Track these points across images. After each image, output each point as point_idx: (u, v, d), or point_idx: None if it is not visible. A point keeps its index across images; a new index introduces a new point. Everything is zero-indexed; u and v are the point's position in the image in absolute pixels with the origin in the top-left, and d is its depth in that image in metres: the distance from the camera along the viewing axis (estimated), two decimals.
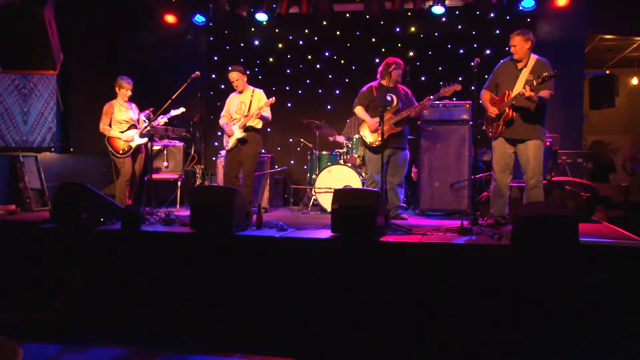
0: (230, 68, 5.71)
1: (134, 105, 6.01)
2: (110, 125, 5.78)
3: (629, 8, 7.17)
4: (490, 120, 4.66)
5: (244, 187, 5.52)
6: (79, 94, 7.41)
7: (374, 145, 5.32)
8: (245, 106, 5.62)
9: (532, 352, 3.28)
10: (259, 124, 5.61)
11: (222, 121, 5.76)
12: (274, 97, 5.57)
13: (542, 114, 4.49)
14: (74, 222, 4.19)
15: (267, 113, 5.60)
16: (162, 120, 5.92)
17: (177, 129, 7.25)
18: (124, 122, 5.82)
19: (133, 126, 5.87)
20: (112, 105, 5.83)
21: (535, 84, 4.25)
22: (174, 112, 6.01)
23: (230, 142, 5.60)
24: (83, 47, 7.38)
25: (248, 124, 5.52)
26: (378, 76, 5.47)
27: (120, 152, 5.77)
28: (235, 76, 5.64)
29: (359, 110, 5.44)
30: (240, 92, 5.72)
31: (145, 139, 5.88)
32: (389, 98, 5.35)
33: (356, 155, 6.25)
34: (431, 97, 5.24)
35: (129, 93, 5.87)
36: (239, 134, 5.53)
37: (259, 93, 5.72)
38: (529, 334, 3.31)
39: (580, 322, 3.27)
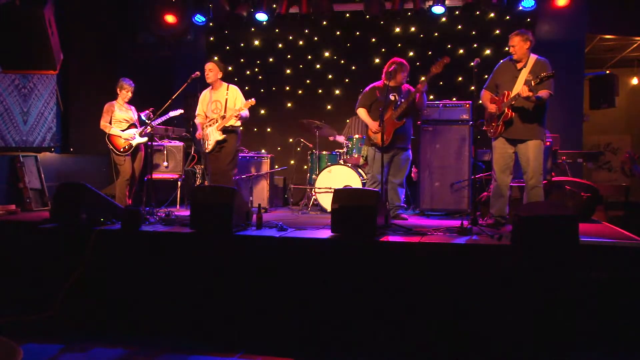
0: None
1: (133, 108, 6.02)
2: (110, 124, 5.80)
3: (629, 8, 7.17)
4: (490, 120, 4.66)
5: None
6: (79, 94, 7.41)
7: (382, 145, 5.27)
8: (221, 105, 5.49)
9: (531, 351, 3.29)
10: (237, 122, 5.48)
11: (197, 121, 5.66)
12: (253, 99, 5.44)
13: (541, 113, 4.49)
14: (74, 222, 4.18)
15: (245, 112, 5.45)
16: (160, 120, 5.91)
17: (177, 129, 7.26)
18: (123, 121, 5.84)
19: (133, 125, 5.88)
20: (113, 105, 5.86)
21: (533, 84, 4.25)
22: (172, 114, 5.99)
23: (209, 145, 5.49)
24: (83, 47, 7.38)
25: (226, 124, 5.40)
26: (383, 76, 5.43)
27: (121, 150, 5.78)
28: (210, 66, 5.48)
29: (361, 112, 5.43)
30: (213, 89, 5.59)
31: (145, 138, 5.89)
32: (391, 97, 5.34)
33: (360, 155, 6.24)
34: (422, 79, 5.21)
35: (130, 95, 5.88)
36: (218, 136, 5.42)
37: (234, 90, 5.56)
38: (529, 333, 3.31)
39: (580, 322, 3.27)
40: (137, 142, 5.85)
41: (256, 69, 8.34)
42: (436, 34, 7.72)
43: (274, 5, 7.54)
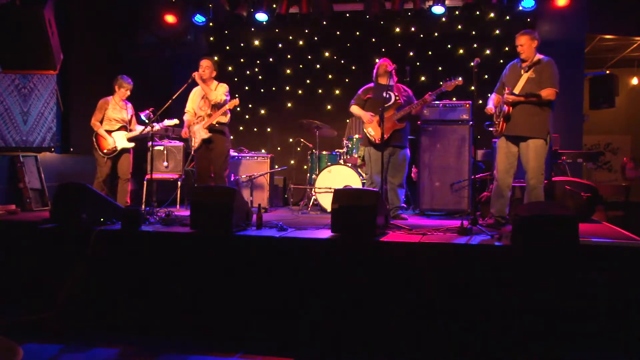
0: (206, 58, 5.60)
1: (129, 105, 6.01)
2: (101, 122, 5.81)
3: (629, 8, 7.17)
4: (495, 119, 4.66)
5: None
6: (79, 94, 7.41)
7: (379, 141, 5.28)
8: (209, 103, 5.49)
9: (532, 352, 3.28)
10: (224, 119, 5.48)
11: (185, 117, 5.64)
12: (237, 99, 5.46)
13: (544, 112, 4.43)
14: (74, 222, 4.18)
15: (217, 96, 5.40)
16: (155, 127, 5.89)
17: (177, 129, 7.25)
18: (114, 121, 5.85)
19: (123, 127, 5.89)
20: (107, 102, 5.86)
21: (533, 74, 4.27)
22: (167, 122, 5.91)
23: (196, 143, 5.49)
24: (83, 47, 7.38)
25: (213, 122, 5.40)
26: (374, 77, 5.52)
27: (105, 151, 5.79)
28: (207, 63, 5.48)
29: (354, 109, 5.46)
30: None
31: (132, 144, 5.91)
32: (386, 95, 5.36)
33: (357, 156, 6.24)
34: (431, 93, 5.24)
35: (128, 93, 5.89)
36: (204, 134, 5.42)
37: (222, 87, 5.55)
38: (529, 333, 3.31)
39: (580, 322, 3.27)
40: (122, 147, 5.86)
41: (256, 69, 8.34)
42: (436, 34, 7.72)
43: (274, 5, 7.53)
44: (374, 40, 7.92)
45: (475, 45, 7.54)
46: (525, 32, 4.51)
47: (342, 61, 8.05)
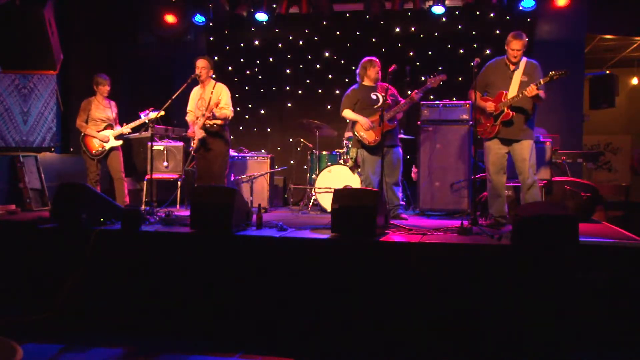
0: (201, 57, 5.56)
1: (113, 103, 6.01)
2: (86, 123, 5.82)
3: (629, 8, 7.17)
4: (484, 120, 4.65)
5: None
6: (79, 94, 7.39)
7: (373, 144, 5.29)
8: (205, 103, 5.47)
9: (532, 352, 3.29)
10: (219, 122, 5.44)
11: (187, 118, 5.62)
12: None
13: (534, 115, 4.59)
14: (74, 222, 4.18)
15: (222, 112, 5.38)
16: (126, 129, 5.87)
17: (177, 129, 7.25)
18: (99, 121, 5.85)
19: (109, 126, 5.89)
20: (90, 102, 5.86)
21: (542, 82, 4.28)
22: (151, 115, 5.73)
23: (194, 144, 5.48)
24: (83, 47, 7.38)
25: (210, 122, 5.39)
26: (357, 79, 5.50)
27: (93, 152, 5.79)
28: (203, 63, 5.42)
29: (348, 113, 5.43)
30: (202, 86, 5.55)
31: (120, 142, 5.91)
32: (373, 97, 5.35)
33: (349, 157, 6.22)
34: (417, 90, 5.23)
35: (108, 88, 5.88)
36: (200, 135, 5.40)
37: (220, 88, 5.51)
38: (528, 333, 3.31)
39: (580, 322, 3.27)
40: (110, 146, 5.86)
41: (256, 69, 8.34)
42: (436, 34, 7.72)
43: (274, 5, 7.54)
44: (374, 40, 7.92)
45: (475, 45, 7.53)
46: (521, 36, 4.51)
47: (342, 61, 8.04)
